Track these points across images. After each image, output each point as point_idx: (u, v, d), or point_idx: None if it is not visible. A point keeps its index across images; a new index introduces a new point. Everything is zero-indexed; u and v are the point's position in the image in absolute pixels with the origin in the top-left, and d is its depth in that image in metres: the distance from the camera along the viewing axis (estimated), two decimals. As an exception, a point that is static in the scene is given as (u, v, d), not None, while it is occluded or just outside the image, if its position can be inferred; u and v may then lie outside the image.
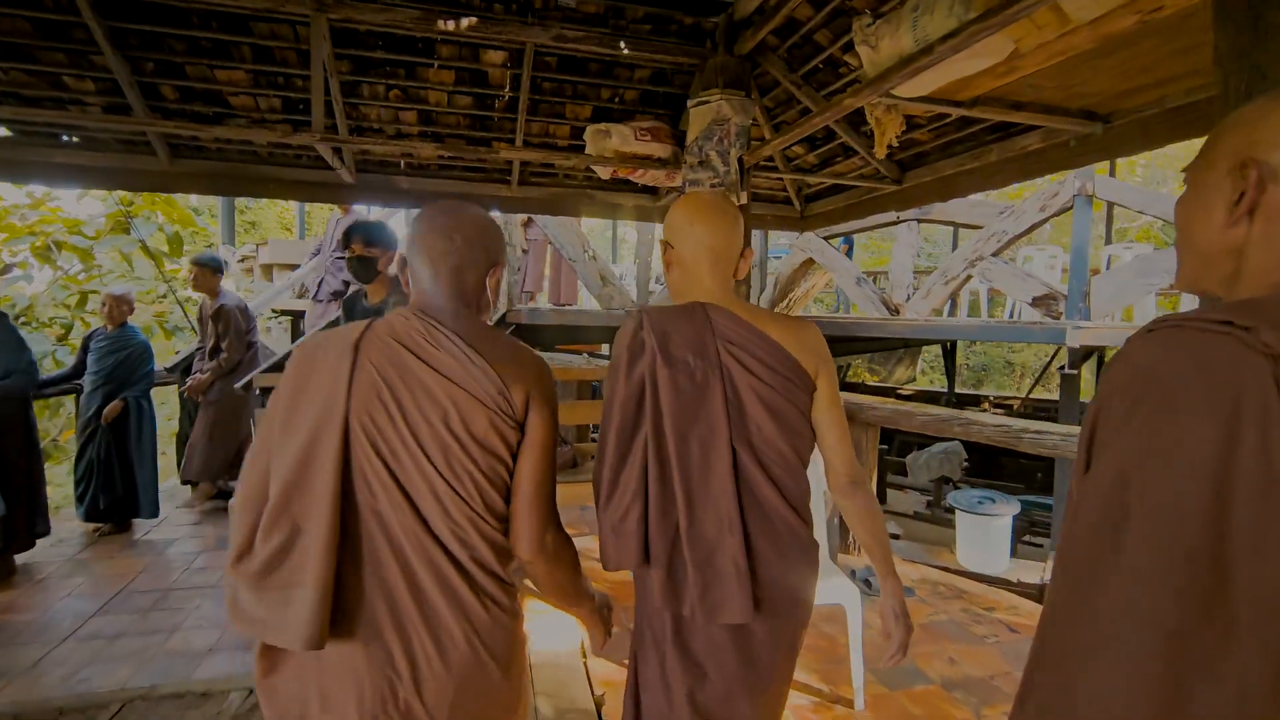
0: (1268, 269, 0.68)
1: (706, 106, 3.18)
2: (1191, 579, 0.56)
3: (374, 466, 1.06)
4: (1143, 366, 0.63)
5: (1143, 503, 0.59)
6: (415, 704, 1.05)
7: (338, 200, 3.86)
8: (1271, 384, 0.56)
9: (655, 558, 1.25)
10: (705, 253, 1.35)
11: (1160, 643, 0.56)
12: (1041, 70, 2.00)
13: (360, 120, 3.48)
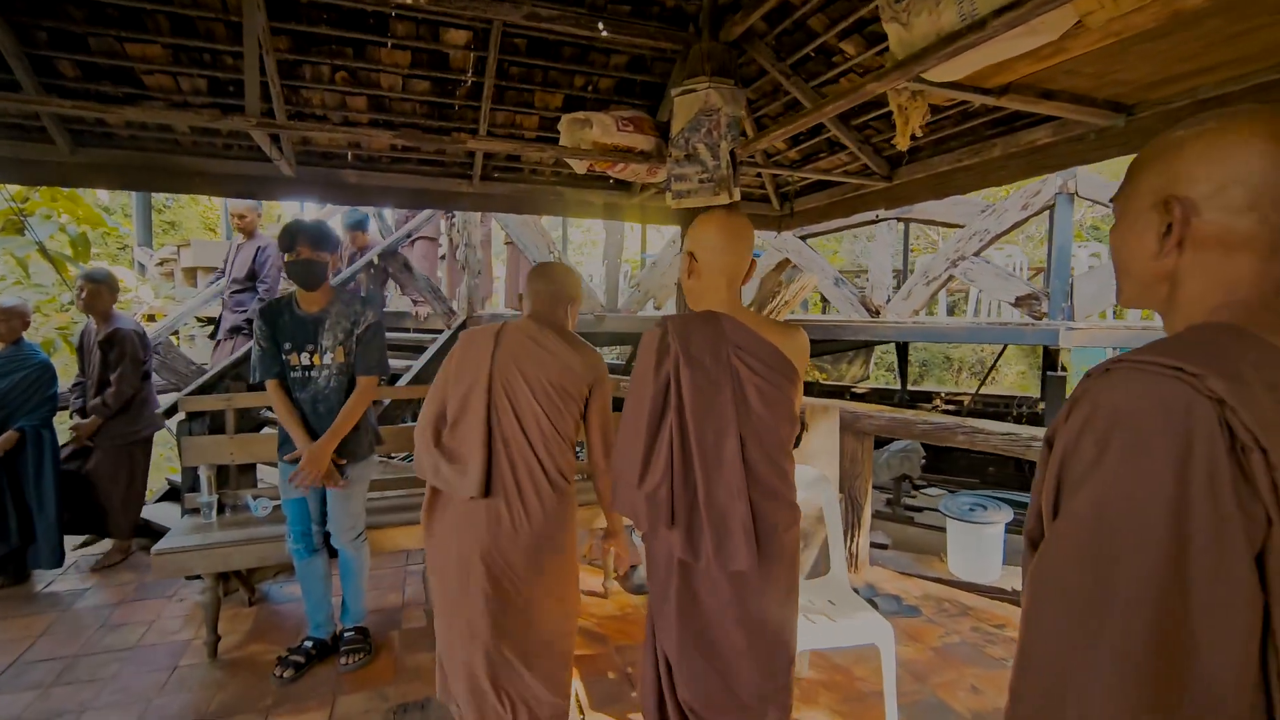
0: (1203, 294, 0.75)
1: (693, 95, 2.93)
2: (1163, 606, 0.62)
3: (504, 404, 1.92)
4: (1108, 408, 0.69)
5: (1116, 539, 0.65)
6: (506, 539, 1.89)
7: (274, 196, 3.43)
8: (1218, 428, 0.63)
9: (679, 520, 1.59)
10: (725, 270, 1.70)
11: (1141, 667, 0.62)
12: (1086, 54, 1.84)
13: (301, 106, 3.08)
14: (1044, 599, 0.71)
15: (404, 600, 3.14)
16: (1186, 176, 0.74)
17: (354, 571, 2.63)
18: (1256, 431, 0.63)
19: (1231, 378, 0.65)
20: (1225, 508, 0.62)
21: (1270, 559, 0.63)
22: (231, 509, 2.91)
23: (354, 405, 2.56)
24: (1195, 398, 0.65)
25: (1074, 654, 0.66)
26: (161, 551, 2.46)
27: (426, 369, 4.41)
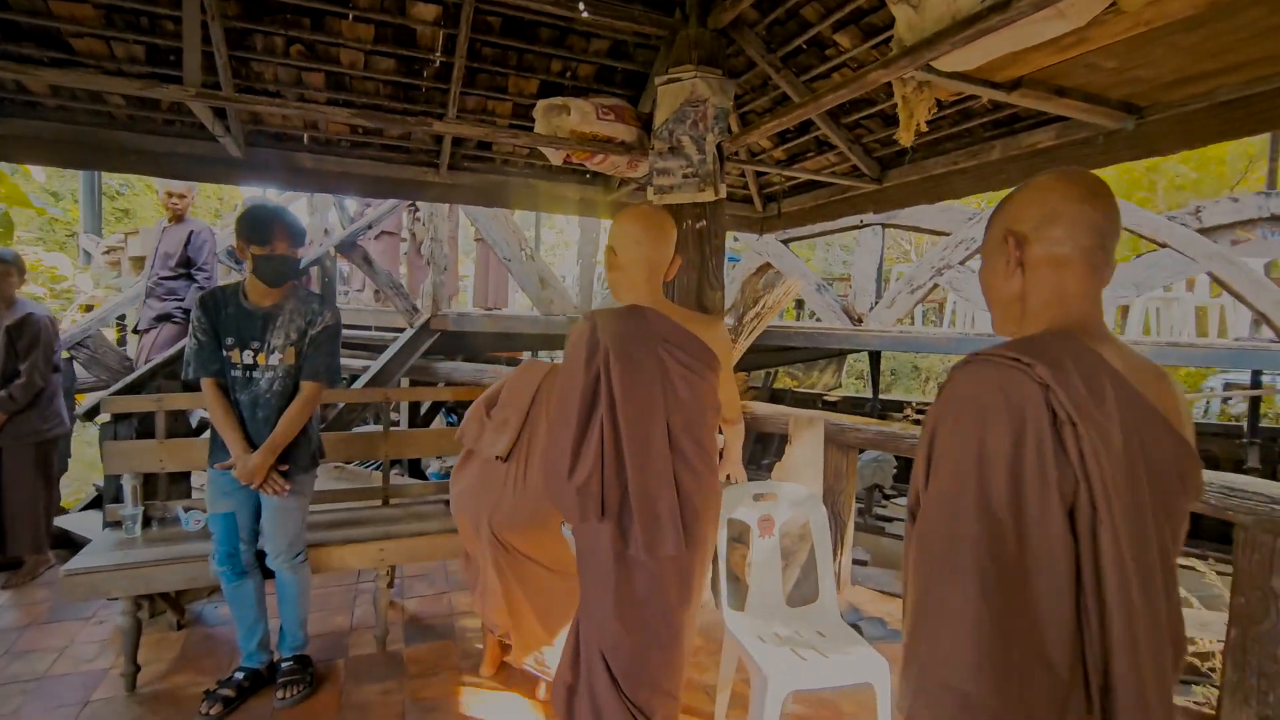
0: (1041, 308, 0.97)
1: (678, 85, 2.75)
2: (1004, 551, 0.81)
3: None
4: (963, 392, 0.89)
5: (968, 498, 0.84)
6: (509, 500, 2.19)
7: (220, 179, 3.15)
8: (1043, 405, 0.84)
9: (609, 511, 1.62)
10: (644, 263, 1.73)
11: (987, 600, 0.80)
12: (1109, 46, 1.70)
13: (251, 81, 2.82)
14: (919, 550, 0.89)
15: (353, 623, 2.88)
16: (1019, 216, 0.98)
17: (293, 595, 2.37)
18: (1070, 410, 0.83)
19: (1055, 366, 0.85)
20: (1048, 470, 0.82)
21: (1078, 512, 0.83)
22: (159, 522, 2.62)
23: (297, 413, 2.30)
24: (1027, 382, 0.85)
25: (941, 590, 0.84)
26: (74, 571, 2.18)
27: (386, 369, 4.15)
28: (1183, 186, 13.17)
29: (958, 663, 0.82)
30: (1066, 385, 0.84)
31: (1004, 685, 0.80)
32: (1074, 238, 0.94)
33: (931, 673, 0.85)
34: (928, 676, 0.85)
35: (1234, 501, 2.23)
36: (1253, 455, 8.01)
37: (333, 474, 4.86)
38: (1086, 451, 0.82)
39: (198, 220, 4.49)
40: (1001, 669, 0.80)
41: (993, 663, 0.80)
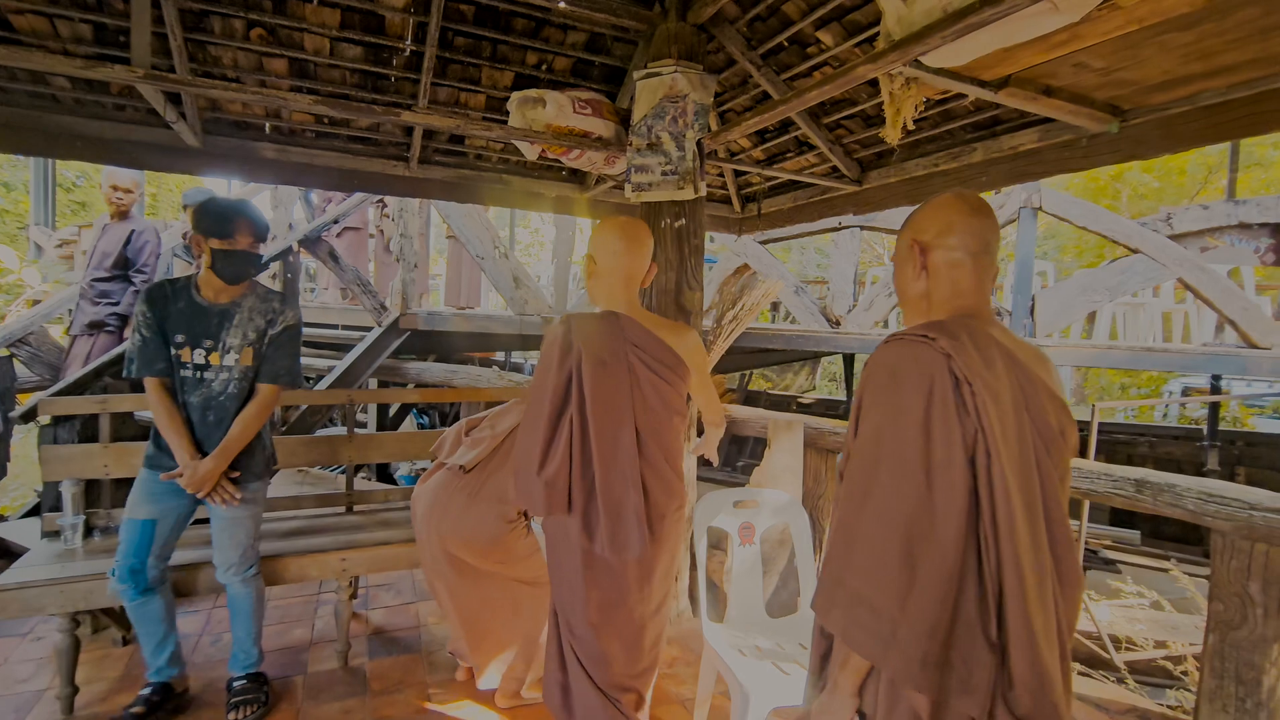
0: (942, 301, 1.18)
1: (658, 80, 2.68)
2: (914, 487, 0.99)
3: None
4: (885, 363, 1.09)
5: (887, 445, 1.03)
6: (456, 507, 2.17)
7: (174, 169, 2.99)
8: (947, 370, 1.03)
9: (576, 506, 1.67)
10: (620, 271, 1.80)
11: (900, 528, 0.98)
12: (1098, 45, 1.67)
13: (209, 66, 2.67)
14: (846, 494, 1.06)
15: (313, 637, 2.74)
16: (922, 229, 1.19)
17: (245, 610, 2.22)
18: (967, 373, 1.02)
19: (954, 339, 1.05)
20: (951, 422, 1.00)
21: (977, 455, 1.00)
22: (102, 532, 2.46)
23: (253, 417, 2.16)
24: (933, 353, 1.04)
25: (861, 519, 1.02)
26: (5, 586, 2.02)
27: (353, 369, 4.00)
28: (1146, 195, 13.53)
29: (872, 578, 1.00)
30: (964, 354, 1.04)
31: (909, 597, 0.97)
32: (965, 245, 1.16)
33: (848, 586, 1.03)
34: (844, 589, 1.03)
35: (1212, 508, 2.23)
36: (1212, 458, 8.22)
37: (294, 478, 4.69)
38: (981, 406, 1.01)
39: (143, 219, 4.22)
40: (908, 584, 0.97)
41: (901, 579, 0.98)
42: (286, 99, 2.37)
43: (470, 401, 3.90)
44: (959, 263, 1.15)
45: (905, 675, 0.96)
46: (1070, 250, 15.33)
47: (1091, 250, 14.16)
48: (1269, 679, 2.18)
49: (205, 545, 2.43)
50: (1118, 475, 2.45)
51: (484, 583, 2.26)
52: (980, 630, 0.98)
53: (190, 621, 2.81)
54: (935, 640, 0.96)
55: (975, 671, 0.98)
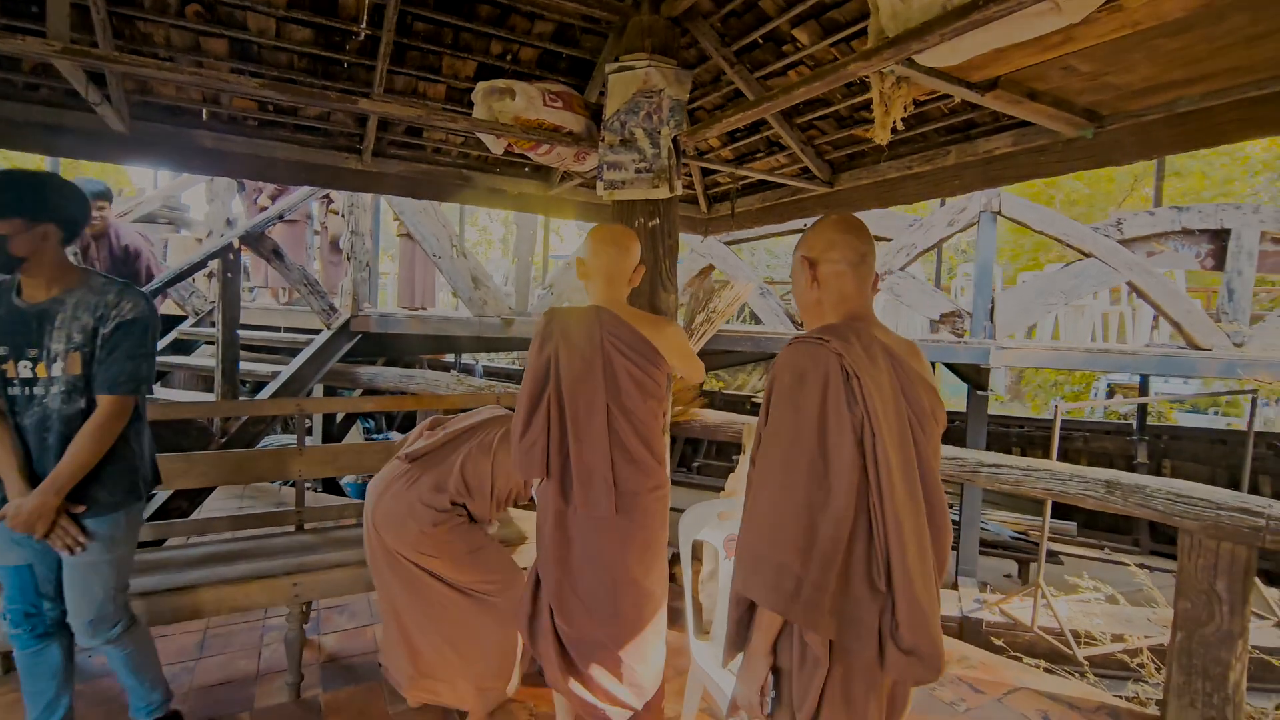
0: (832, 306, 1.39)
1: (631, 74, 2.58)
2: (812, 467, 1.19)
3: None
4: (789, 363, 1.28)
5: (790, 434, 1.22)
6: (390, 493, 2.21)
7: (99, 156, 2.72)
8: (838, 367, 1.22)
9: (553, 472, 1.91)
10: (603, 271, 2.01)
11: (802, 502, 1.18)
12: (1090, 48, 1.66)
13: (138, 44, 2.43)
14: (759, 478, 1.25)
15: (260, 668, 2.52)
16: (811, 247, 1.40)
17: (126, 668, 1.91)
18: (855, 369, 1.22)
19: (843, 340, 1.26)
20: (843, 410, 1.20)
21: (864, 436, 1.20)
22: None
23: (88, 438, 1.77)
24: (828, 353, 1.23)
25: (771, 498, 1.21)
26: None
27: (299, 375, 3.74)
28: (1077, 202, 14.21)
29: (781, 546, 1.17)
30: (851, 353, 1.24)
31: (810, 558, 1.16)
32: (845, 258, 1.37)
33: (759, 553, 1.19)
34: (756, 556, 1.20)
35: (1180, 508, 2.28)
36: (1141, 451, 8.67)
37: (235, 494, 4.37)
38: (866, 396, 1.21)
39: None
40: (809, 546, 1.16)
41: (803, 542, 1.16)
42: (229, 82, 2.16)
43: (430, 409, 3.71)
44: (842, 273, 1.37)
45: (809, 622, 1.16)
46: (1006, 253, 15.97)
47: (1027, 253, 14.77)
48: (1234, 674, 2.25)
49: (134, 573, 2.20)
50: (1089, 477, 2.49)
51: (424, 590, 2.15)
52: (868, 581, 1.20)
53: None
54: (829, 591, 1.16)
55: (865, 616, 1.19)
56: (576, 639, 1.92)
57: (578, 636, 1.92)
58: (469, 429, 2.34)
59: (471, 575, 2.15)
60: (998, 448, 9.26)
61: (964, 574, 4.79)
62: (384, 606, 2.22)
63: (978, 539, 4.93)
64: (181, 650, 2.63)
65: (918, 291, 4.94)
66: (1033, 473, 2.61)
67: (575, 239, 14.47)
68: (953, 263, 14.65)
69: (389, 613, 2.20)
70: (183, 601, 2.13)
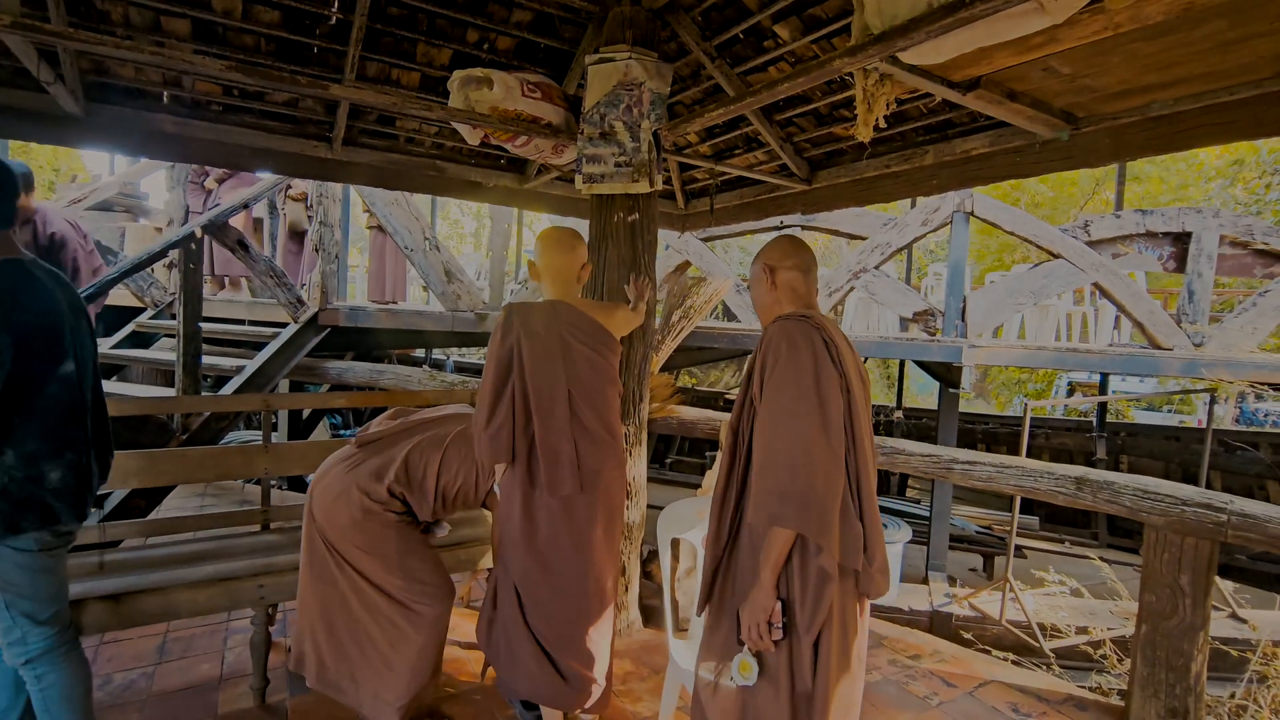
0: (789, 304, 1.64)
1: (611, 65, 2.54)
2: (811, 420, 1.39)
3: None
4: (783, 334, 1.49)
5: (791, 388, 1.42)
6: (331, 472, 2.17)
7: (50, 139, 2.59)
8: (820, 337, 1.47)
9: (519, 457, 2.00)
10: (553, 272, 2.17)
11: (808, 441, 1.38)
12: (1070, 50, 1.67)
13: (95, 22, 2.32)
14: (768, 426, 1.44)
15: (223, 673, 2.43)
16: (770, 257, 1.67)
17: (46, 705, 1.68)
18: (831, 337, 1.49)
19: (817, 317, 1.54)
20: (830, 368, 1.44)
21: (845, 391, 1.46)
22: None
23: None
24: (810, 326, 1.49)
25: (782, 441, 1.40)
26: None
27: (265, 370, 3.63)
28: (1040, 204, 14.56)
29: (798, 477, 1.36)
30: (826, 328, 1.51)
31: (826, 486, 1.37)
32: (798, 266, 1.65)
33: (784, 489, 1.37)
34: (781, 492, 1.37)
35: (1147, 504, 2.33)
36: (1101, 448, 8.92)
37: (197, 492, 4.23)
38: (842, 359, 1.48)
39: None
40: (824, 476, 1.37)
41: (819, 474, 1.37)
42: (192, 63, 2.07)
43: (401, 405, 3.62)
44: (796, 279, 1.64)
45: (830, 540, 1.36)
46: (973, 254, 16.32)
47: (993, 254, 15.09)
48: (1195, 665, 2.31)
49: (86, 576, 2.10)
50: (1059, 474, 2.54)
51: (346, 584, 2.06)
52: (854, 510, 1.44)
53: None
54: (835, 512, 1.38)
55: (855, 539, 1.42)
56: (551, 634, 2.00)
57: (549, 629, 2.00)
58: (427, 421, 2.27)
59: (399, 580, 2.04)
60: (965, 444, 9.45)
61: (934, 569, 4.88)
62: (304, 591, 2.12)
63: (947, 534, 5.02)
64: (140, 655, 2.52)
65: (891, 290, 5.01)
66: (1005, 469, 2.65)
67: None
68: (922, 263, 14.90)
69: (309, 599, 2.10)
70: (141, 605, 2.04)
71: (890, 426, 9.48)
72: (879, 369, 16.24)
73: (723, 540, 1.55)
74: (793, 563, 1.41)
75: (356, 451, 2.18)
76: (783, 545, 1.38)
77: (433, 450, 2.14)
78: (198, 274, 3.51)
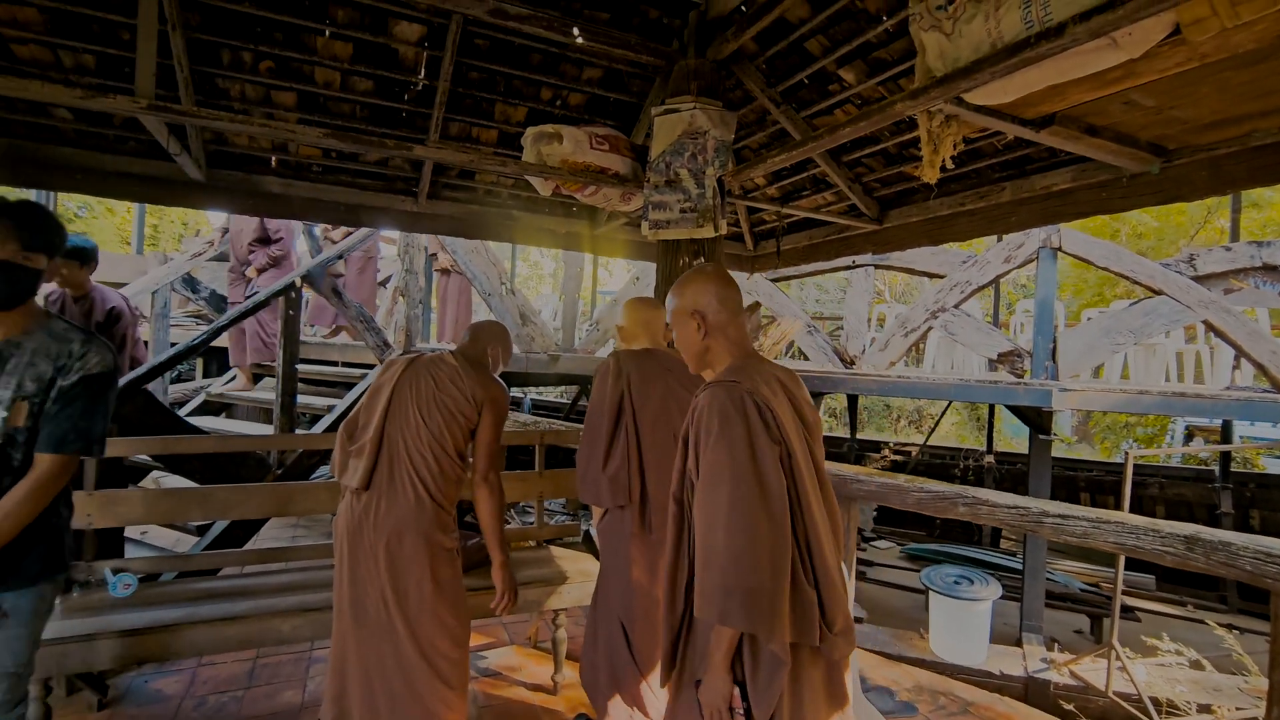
0: (724, 351, 1.57)
1: (676, 116, 2.62)
2: (752, 502, 1.32)
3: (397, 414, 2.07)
4: (712, 407, 1.41)
5: (728, 467, 1.35)
6: (368, 523, 1.96)
7: (177, 202, 2.90)
8: (752, 403, 1.39)
9: (634, 498, 2.12)
10: (643, 323, 2.36)
11: (751, 523, 1.31)
12: (1154, 82, 1.59)
13: (215, 98, 2.61)
14: (707, 514, 1.36)
15: (304, 699, 2.55)
16: (696, 301, 1.57)
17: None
18: (767, 403, 1.41)
19: (749, 379, 1.45)
20: (764, 438, 1.37)
21: (783, 457, 1.39)
22: (82, 586, 2.30)
23: (20, 501, 1.54)
24: (741, 392, 1.41)
25: (721, 525, 1.33)
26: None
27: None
28: (1144, 235, 13.59)
29: (742, 570, 1.28)
30: (758, 389, 1.42)
31: (770, 574, 1.29)
32: (727, 307, 1.57)
33: (728, 585, 1.29)
34: (725, 588, 1.29)
35: (1273, 569, 2.08)
36: (1225, 500, 8.05)
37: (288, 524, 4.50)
38: (779, 422, 1.40)
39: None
40: (767, 565, 1.29)
41: (763, 564, 1.29)
42: (296, 132, 2.29)
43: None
44: (726, 322, 1.56)
45: (777, 631, 1.29)
46: (1069, 288, 15.35)
47: (1091, 289, 14.15)
48: (1342, 757, 2.01)
49: (186, 601, 2.27)
50: (1165, 532, 2.31)
51: (386, 635, 1.92)
52: (805, 579, 1.37)
53: (172, 683, 2.62)
54: (784, 597, 1.31)
55: (810, 610, 1.35)
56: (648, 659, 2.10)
57: (648, 657, 2.09)
58: (385, 417, 2.09)
59: (438, 607, 1.94)
60: (1064, 493, 8.76)
61: (1029, 630, 4.48)
62: (336, 640, 2.01)
63: (1043, 591, 4.62)
64: (232, 679, 2.68)
65: (973, 330, 4.77)
66: (1102, 525, 2.44)
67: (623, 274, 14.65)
68: (1011, 299, 14.16)
69: (341, 647, 1.99)
70: (235, 631, 2.18)
71: (981, 473, 8.94)
72: (967, 410, 15.41)
73: (678, 609, 1.49)
74: (743, 648, 1.36)
75: (365, 495, 2.02)
76: (732, 637, 1.33)
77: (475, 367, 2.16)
78: (296, 320, 3.81)
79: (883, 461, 9.13)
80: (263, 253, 5.02)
